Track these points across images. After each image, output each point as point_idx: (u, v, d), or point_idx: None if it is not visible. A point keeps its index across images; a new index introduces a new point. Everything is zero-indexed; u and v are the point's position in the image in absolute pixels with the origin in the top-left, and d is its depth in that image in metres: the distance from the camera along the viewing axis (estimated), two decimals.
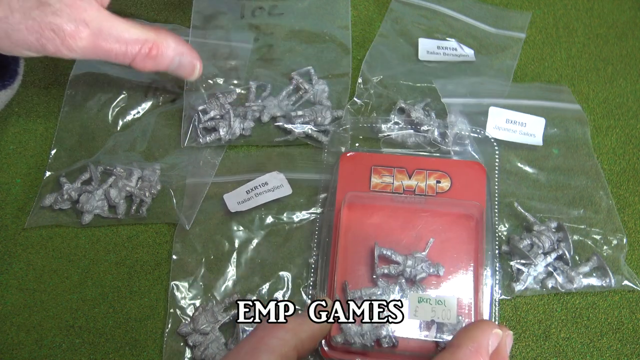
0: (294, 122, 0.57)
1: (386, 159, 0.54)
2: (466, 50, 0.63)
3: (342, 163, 0.54)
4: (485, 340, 0.35)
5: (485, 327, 0.36)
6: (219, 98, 0.57)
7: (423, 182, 0.53)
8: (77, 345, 0.50)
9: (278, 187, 0.55)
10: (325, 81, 0.60)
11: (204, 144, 0.57)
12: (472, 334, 0.35)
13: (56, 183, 0.56)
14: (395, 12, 0.66)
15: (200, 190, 0.55)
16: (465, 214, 0.51)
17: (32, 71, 0.62)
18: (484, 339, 0.35)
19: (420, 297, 0.47)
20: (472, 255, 0.50)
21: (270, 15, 0.65)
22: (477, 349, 0.34)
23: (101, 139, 0.58)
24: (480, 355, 0.34)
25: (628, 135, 0.60)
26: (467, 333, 0.36)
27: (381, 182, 0.53)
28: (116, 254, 0.54)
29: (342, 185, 0.53)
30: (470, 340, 0.35)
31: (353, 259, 0.50)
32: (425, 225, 0.51)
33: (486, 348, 0.35)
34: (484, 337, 0.35)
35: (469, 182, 0.53)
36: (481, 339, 0.35)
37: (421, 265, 0.49)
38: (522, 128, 0.57)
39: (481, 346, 0.35)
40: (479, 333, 0.35)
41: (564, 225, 0.53)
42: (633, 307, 0.51)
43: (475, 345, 0.34)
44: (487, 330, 0.35)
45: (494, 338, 0.35)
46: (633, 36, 0.66)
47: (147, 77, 0.61)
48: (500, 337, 0.36)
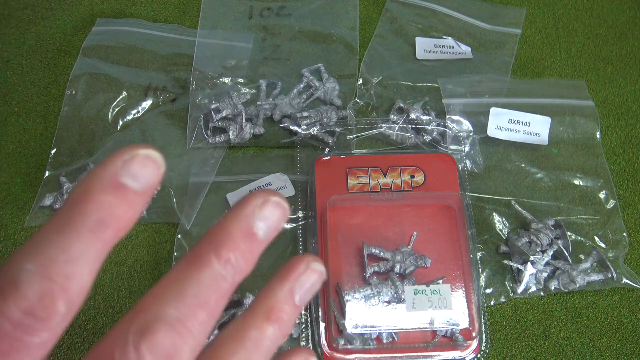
0: (300, 123, 0.57)
1: (360, 160, 0.55)
2: (463, 48, 0.63)
3: (317, 168, 0.55)
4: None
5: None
6: (232, 97, 0.57)
7: (398, 179, 0.54)
8: (77, 345, 0.50)
9: (281, 188, 0.55)
10: (336, 79, 0.61)
11: (212, 145, 0.57)
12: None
13: (56, 183, 0.56)
14: (391, 12, 0.66)
15: (201, 190, 0.55)
16: (443, 204, 0.53)
17: (32, 71, 0.62)
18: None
19: (415, 289, 0.48)
20: (456, 242, 0.51)
21: (279, 16, 0.65)
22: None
23: (101, 139, 0.58)
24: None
25: (628, 135, 0.60)
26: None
27: (358, 183, 0.54)
28: (116, 254, 0.54)
29: (321, 190, 0.54)
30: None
31: (343, 261, 0.51)
32: (407, 220, 0.52)
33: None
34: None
35: (441, 174, 0.54)
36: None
37: (409, 259, 0.49)
38: (527, 128, 0.57)
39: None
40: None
41: (562, 223, 0.53)
42: (633, 307, 0.51)
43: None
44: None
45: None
46: (633, 36, 0.66)
47: (147, 77, 0.61)
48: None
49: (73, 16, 0.66)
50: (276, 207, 0.23)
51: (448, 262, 0.50)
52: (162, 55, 0.63)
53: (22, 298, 0.18)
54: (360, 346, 0.47)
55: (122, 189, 0.20)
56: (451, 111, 0.57)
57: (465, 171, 0.56)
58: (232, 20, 0.65)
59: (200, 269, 0.22)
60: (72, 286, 0.19)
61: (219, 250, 0.22)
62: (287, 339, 0.49)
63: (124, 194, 0.21)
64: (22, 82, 0.62)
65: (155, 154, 0.22)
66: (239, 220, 0.22)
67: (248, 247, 0.22)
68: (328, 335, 0.48)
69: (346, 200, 0.53)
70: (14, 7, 0.67)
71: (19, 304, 0.18)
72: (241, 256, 0.22)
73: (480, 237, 0.53)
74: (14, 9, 0.66)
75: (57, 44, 0.64)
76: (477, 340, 0.48)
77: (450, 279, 0.49)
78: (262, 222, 0.23)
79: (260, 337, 0.23)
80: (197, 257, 0.22)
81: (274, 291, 0.24)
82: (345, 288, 0.49)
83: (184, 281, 0.21)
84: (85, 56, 0.62)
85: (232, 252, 0.22)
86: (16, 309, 0.18)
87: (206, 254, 0.22)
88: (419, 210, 0.53)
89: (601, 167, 0.56)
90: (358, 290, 0.48)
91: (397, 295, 0.48)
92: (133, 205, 0.21)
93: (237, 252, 0.22)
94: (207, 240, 0.22)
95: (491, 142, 0.57)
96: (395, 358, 0.48)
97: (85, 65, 0.62)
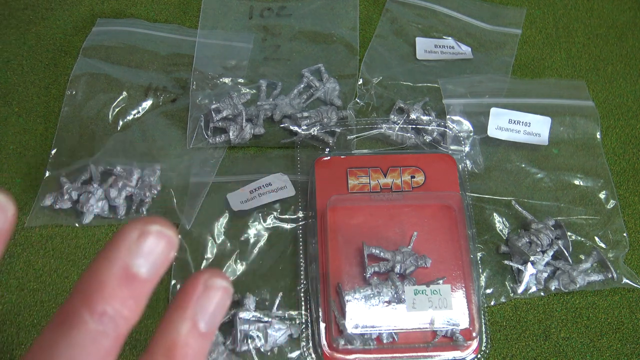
0: (300, 123, 0.57)
1: (360, 160, 0.55)
2: (463, 48, 0.63)
3: (317, 168, 0.55)
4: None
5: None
6: (232, 97, 0.57)
7: (398, 179, 0.54)
8: None
9: (281, 188, 0.55)
10: (336, 79, 0.61)
11: (212, 145, 0.57)
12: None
13: (56, 183, 0.56)
14: (391, 12, 0.66)
15: (201, 190, 0.55)
16: (443, 204, 0.53)
17: (32, 71, 0.62)
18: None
19: (416, 289, 0.48)
20: (456, 242, 0.51)
21: (279, 16, 0.65)
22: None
23: (101, 139, 0.58)
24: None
25: (628, 135, 0.60)
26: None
27: (358, 183, 0.54)
28: None
29: (321, 190, 0.53)
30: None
31: (343, 261, 0.51)
32: (407, 220, 0.52)
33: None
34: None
35: (441, 174, 0.54)
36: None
37: (409, 259, 0.49)
38: (527, 128, 0.57)
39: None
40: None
41: (562, 223, 0.53)
42: (633, 307, 0.51)
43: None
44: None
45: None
46: (633, 36, 0.66)
47: (147, 77, 0.61)
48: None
49: (73, 16, 0.66)
50: (158, 237, 0.20)
51: (448, 262, 0.50)
52: (162, 55, 0.63)
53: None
54: (360, 346, 0.47)
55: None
56: (451, 111, 0.57)
57: (465, 171, 0.56)
58: (232, 20, 0.65)
59: (70, 329, 0.18)
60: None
61: (90, 304, 0.19)
62: (282, 341, 0.49)
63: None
64: (22, 82, 0.62)
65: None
66: (112, 262, 0.19)
67: (129, 291, 0.19)
68: (328, 335, 0.48)
69: (346, 200, 0.53)
70: (14, 7, 0.67)
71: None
72: (121, 304, 0.19)
73: (480, 237, 0.53)
74: (14, 9, 0.66)
75: (57, 44, 0.64)
76: (477, 340, 0.48)
77: (450, 279, 0.49)
78: (141, 259, 0.19)
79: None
80: (66, 315, 0.19)
81: (172, 324, 0.20)
82: (345, 288, 0.49)
83: (53, 346, 0.18)
84: (85, 56, 0.62)
85: (107, 304, 0.19)
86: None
87: (77, 310, 0.19)
88: (419, 210, 0.53)
89: (601, 167, 0.56)
90: (358, 290, 0.48)
91: (397, 295, 0.48)
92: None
93: (114, 302, 0.19)
94: (77, 291, 0.19)
95: (491, 142, 0.57)
96: (395, 358, 0.48)
97: (85, 65, 0.62)
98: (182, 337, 0.20)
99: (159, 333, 0.20)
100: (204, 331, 0.20)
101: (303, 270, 0.51)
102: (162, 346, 0.20)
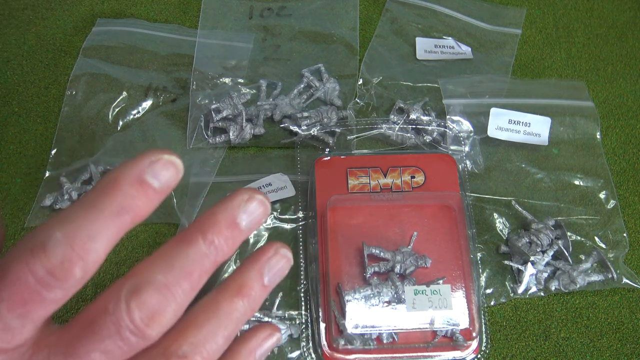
0: (300, 123, 0.57)
1: (360, 160, 0.55)
2: (463, 48, 0.63)
3: (317, 168, 0.55)
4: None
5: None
6: (232, 97, 0.57)
7: (398, 179, 0.54)
8: None
9: (281, 188, 0.55)
10: (336, 79, 0.61)
11: (212, 145, 0.57)
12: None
13: (56, 183, 0.56)
14: (391, 12, 0.66)
15: (201, 190, 0.55)
16: (443, 204, 0.53)
17: (32, 71, 0.62)
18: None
19: (416, 289, 0.48)
20: (456, 242, 0.51)
21: (279, 16, 0.65)
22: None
23: (101, 139, 0.58)
24: None
25: (628, 135, 0.60)
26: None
27: (358, 183, 0.54)
28: (116, 254, 0.54)
29: (321, 190, 0.53)
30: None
31: (343, 261, 0.51)
32: (407, 220, 0.52)
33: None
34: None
35: (441, 174, 0.54)
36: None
37: (409, 259, 0.49)
38: (527, 128, 0.57)
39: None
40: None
41: (562, 223, 0.53)
42: (633, 307, 0.51)
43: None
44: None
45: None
46: (633, 36, 0.66)
47: (147, 77, 0.61)
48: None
49: (73, 16, 0.66)
50: (260, 204, 0.26)
51: (448, 262, 0.50)
52: (162, 55, 0.63)
53: (47, 259, 0.22)
54: (360, 346, 0.47)
55: (145, 185, 0.24)
56: (451, 111, 0.57)
57: (465, 171, 0.56)
58: (232, 20, 0.65)
59: (187, 246, 0.25)
60: (89, 257, 0.23)
61: (205, 233, 0.25)
62: (282, 341, 0.49)
63: (145, 189, 0.24)
64: (22, 82, 0.62)
65: (177, 160, 0.25)
66: (226, 210, 0.25)
67: (230, 234, 0.25)
68: (328, 335, 0.48)
69: (346, 200, 0.53)
70: (14, 7, 0.67)
71: (44, 263, 0.22)
72: (224, 240, 0.25)
73: (480, 237, 0.53)
74: (14, 9, 0.66)
75: (57, 44, 0.64)
76: (477, 340, 0.48)
77: (450, 279, 0.49)
78: (245, 215, 0.26)
79: (230, 309, 0.26)
80: (186, 236, 0.25)
81: (245, 271, 0.27)
82: (345, 288, 0.49)
83: (172, 254, 0.25)
84: (85, 56, 0.62)
85: (216, 236, 0.25)
86: (41, 267, 0.22)
87: (194, 234, 0.25)
88: (419, 210, 0.53)
89: (601, 167, 0.56)
90: (358, 290, 0.48)
91: (397, 295, 0.48)
92: (151, 200, 0.24)
93: (220, 237, 0.25)
94: (197, 223, 0.25)
95: (491, 142, 0.57)
96: (395, 358, 0.48)
97: (85, 65, 0.62)
98: (250, 281, 0.26)
99: (233, 275, 0.27)
100: (266, 284, 0.27)
101: (303, 270, 0.51)
102: (235, 283, 0.26)
